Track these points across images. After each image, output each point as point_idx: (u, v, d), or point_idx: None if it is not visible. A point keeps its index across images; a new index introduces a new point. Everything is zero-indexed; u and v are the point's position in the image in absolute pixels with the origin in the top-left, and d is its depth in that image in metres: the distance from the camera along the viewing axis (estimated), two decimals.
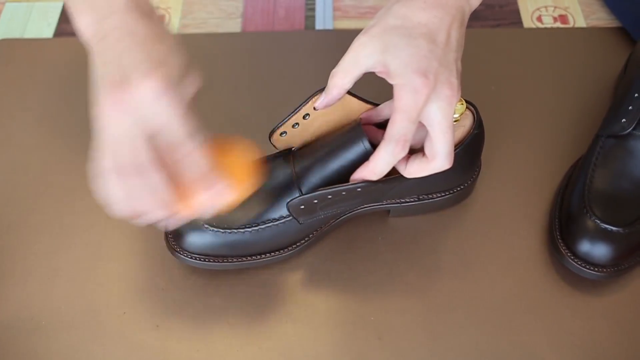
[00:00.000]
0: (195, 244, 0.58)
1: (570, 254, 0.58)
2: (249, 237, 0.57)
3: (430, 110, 0.51)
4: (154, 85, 0.45)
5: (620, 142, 0.61)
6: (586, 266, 0.58)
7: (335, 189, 0.55)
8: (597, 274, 0.57)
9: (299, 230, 0.58)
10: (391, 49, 0.50)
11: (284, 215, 0.57)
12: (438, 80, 0.50)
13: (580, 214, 0.58)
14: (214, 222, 0.57)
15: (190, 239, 0.57)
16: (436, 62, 0.50)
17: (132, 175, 0.46)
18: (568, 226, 0.59)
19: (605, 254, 0.57)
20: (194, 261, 0.58)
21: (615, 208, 0.58)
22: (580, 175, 0.61)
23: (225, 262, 0.58)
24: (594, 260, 0.57)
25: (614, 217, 0.57)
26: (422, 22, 0.51)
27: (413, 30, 0.51)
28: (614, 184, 0.60)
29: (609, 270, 0.57)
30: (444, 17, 0.51)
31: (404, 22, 0.51)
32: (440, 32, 0.51)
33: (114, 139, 0.46)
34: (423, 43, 0.50)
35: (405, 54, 0.50)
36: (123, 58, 0.46)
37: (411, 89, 0.50)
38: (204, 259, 0.58)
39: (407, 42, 0.50)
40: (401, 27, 0.51)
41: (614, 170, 0.60)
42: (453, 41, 0.52)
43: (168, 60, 0.47)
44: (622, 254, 0.57)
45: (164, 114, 0.46)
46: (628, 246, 0.57)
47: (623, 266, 0.58)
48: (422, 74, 0.49)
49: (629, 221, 0.57)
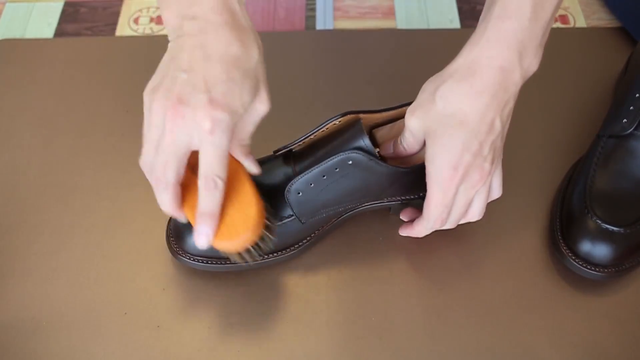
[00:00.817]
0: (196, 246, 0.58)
1: (571, 254, 0.58)
2: None
3: None
4: (216, 118, 0.46)
5: (621, 142, 0.61)
6: (587, 266, 0.58)
7: (324, 164, 0.54)
8: (598, 274, 0.57)
9: (301, 230, 0.58)
10: (431, 135, 0.51)
11: (286, 215, 0.57)
12: (468, 171, 0.51)
13: (582, 214, 0.58)
14: None
15: (192, 241, 0.57)
16: (470, 155, 0.50)
17: (150, 177, 0.49)
18: (569, 226, 0.59)
19: (606, 254, 0.57)
20: (196, 263, 0.58)
21: (616, 208, 0.58)
22: (581, 176, 0.61)
23: (226, 264, 0.58)
24: (595, 260, 0.57)
25: (615, 217, 0.57)
26: (464, 110, 0.49)
27: (453, 118, 0.49)
28: (615, 184, 0.60)
29: (610, 270, 0.57)
30: (491, 104, 0.49)
31: (445, 107, 0.50)
32: (483, 122, 0.50)
33: (154, 138, 0.48)
34: (460, 135, 0.49)
35: (439, 145, 0.50)
36: (197, 68, 0.47)
37: (440, 182, 0.51)
38: (205, 261, 0.58)
39: (443, 131, 0.50)
40: (442, 113, 0.50)
41: (614, 170, 0.60)
42: (497, 127, 0.50)
43: (241, 88, 0.48)
44: (623, 254, 0.57)
45: (209, 149, 0.47)
46: (629, 246, 0.57)
47: (624, 266, 0.58)
48: (453, 167, 0.50)
49: (630, 221, 0.57)
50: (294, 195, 0.56)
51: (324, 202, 0.57)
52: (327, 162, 0.54)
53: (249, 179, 0.53)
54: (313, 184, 0.55)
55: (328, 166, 0.55)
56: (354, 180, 0.55)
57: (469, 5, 0.82)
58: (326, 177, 0.55)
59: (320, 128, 0.56)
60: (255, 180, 0.54)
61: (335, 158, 0.54)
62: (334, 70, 0.62)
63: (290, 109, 0.65)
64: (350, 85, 0.73)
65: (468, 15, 0.81)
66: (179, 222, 0.55)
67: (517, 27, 0.48)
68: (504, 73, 0.49)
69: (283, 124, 0.65)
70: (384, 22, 0.81)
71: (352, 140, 0.55)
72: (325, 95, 0.72)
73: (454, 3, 0.82)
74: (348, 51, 0.76)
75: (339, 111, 0.57)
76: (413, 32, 0.79)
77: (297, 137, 0.57)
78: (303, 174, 0.55)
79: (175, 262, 0.61)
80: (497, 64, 0.49)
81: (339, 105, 0.71)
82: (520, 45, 0.49)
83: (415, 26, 0.80)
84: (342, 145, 0.55)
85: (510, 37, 0.48)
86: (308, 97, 0.66)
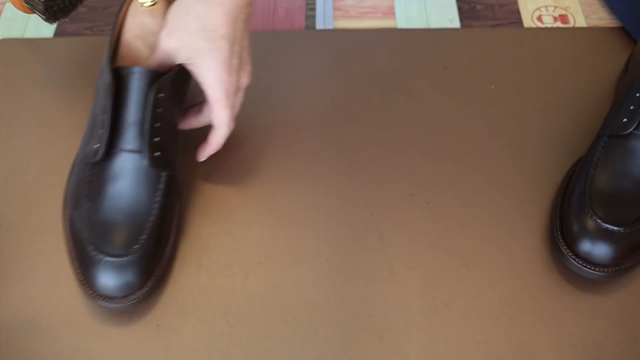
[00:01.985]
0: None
1: (571, 254, 0.58)
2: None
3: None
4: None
5: (621, 142, 0.61)
6: (587, 266, 0.58)
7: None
8: (598, 273, 0.57)
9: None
10: (196, 51, 0.58)
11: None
12: (237, 72, 0.60)
13: (581, 213, 0.58)
14: None
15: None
16: (236, 59, 0.59)
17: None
18: (569, 226, 0.59)
19: (606, 253, 0.57)
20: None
21: (616, 207, 0.58)
22: (581, 175, 0.61)
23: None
24: (595, 260, 0.57)
25: (615, 217, 0.57)
26: (219, 24, 0.57)
27: (213, 33, 0.57)
28: (615, 183, 0.60)
29: (610, 270, 0.57)
30: (236, 15, 0.58)
31: (203, 26, 0.57)
32: (235, 29, 0.58)
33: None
34: (223, 45, 0.57)
35: (210, 58, 0.57)
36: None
37: (221, 89, 0.58)
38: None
39: (209, 46, 0.57)
40: (202, 32, 0.57)
41: (615, 169, 0.60)
42: (245, 31, 0.60)
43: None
44: (623, 253, 0.57)
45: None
46: (629, 246, 0.57)
47: (624, 266, 0.58)
48: (227, 73, 0.58)
49: (630, 221, 0.57)
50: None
51: None
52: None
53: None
54: None
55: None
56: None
57: (469, 5, 0.82)
58: None
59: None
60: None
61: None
62: (333, 70, 0.62)
63: (290, 108, 0.65)
64: (350, 85, 0.73)
65: (468, 15, 0.81)
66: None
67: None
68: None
69: (283, 123, 0.65)
70: (383, 22, 0.81)
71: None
72: (325, 94, 0.72)
73: (453, 2, 0.82)
74: (348, 51, 0.77)
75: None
76: (413, 31, 0.79)
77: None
78: None
79: (175, 262, 0.61)
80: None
81: (339, 104, 0.71)
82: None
83: (415, 26, 0.80)
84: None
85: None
86: (308, 97, 0.66)
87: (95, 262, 0.55)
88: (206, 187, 0.66)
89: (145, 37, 0.63)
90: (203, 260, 0.61)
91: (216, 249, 0.62)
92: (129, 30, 0.63)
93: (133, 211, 0.57)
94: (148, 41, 0.63)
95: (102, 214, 0.57)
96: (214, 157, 0.66)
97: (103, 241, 0.56)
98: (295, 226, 0.63)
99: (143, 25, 0.63)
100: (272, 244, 0.62)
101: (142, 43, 0.63)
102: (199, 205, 0.65)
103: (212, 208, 0.64)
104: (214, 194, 0.65)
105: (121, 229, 0.56)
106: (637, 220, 0.58)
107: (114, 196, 0.57)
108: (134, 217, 0.57)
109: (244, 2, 0.58)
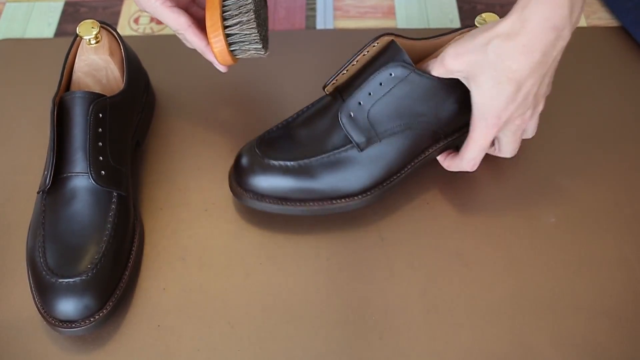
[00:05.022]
0: (262, 185, 0.59)
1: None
2: (316, 169, 0.59)
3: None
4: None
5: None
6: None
7: (369, 82, 0.58)
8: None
9: (364, 170, 0.60)
10: (478, 83, 0.55)
11: (341, 144, 0.59)
12: (510, 118, 0.56)
13: None
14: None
15: (257, 180, 0.59)
16: (514, 105, 0.55)
17: None
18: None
19: None
20: (263, 204, 0.60)
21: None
22: None
23: (296, 206, 0.60)
24: None
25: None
26: (515, 67, 0.53)
27: (503, 72, 0.53)
28: None
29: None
30: (541, 62, 0.53)
31: (496, 61, 0.53)
32: (532, 77, 0.53)
33: None
34: (508, 89, 0.54)
35: (487, 95, 0.55)
36: None
37: (482, 128, 0.56)
38: (272, 201, 0.60)
39: (492, 84, 0.54)
40: (492, 66, 0.53)
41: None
42: (545, 81, 0.55)
43: None
44: None
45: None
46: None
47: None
48: (497, 116, 0.55)
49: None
50: (346, 118, 0.59)
51: (375, 120, 0.58)
52: (371, 80, 0.58)
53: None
54: (361, 102, 0.58)
55: (372, 83, 0.58)
56: (399, 97, 0.58)
57: (469, 5, 0.82)
58: (372, 94, 0.58)
59: (358, 54, 0.60)
60: (315, 126, 0.61)
61: (377, 74, 0.58)
62: (334, 69, 0.62)
63: (290, 108, 0.65)
64: None
65: (468, 15, 0.81)
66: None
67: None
68: (556, 31, 0.51)
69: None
70: (384, 22, 0.81)
71: (391, 57, 0.58)
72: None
73: (454, 2, 0.82)
74: (348, 51, 0.76)
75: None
76: (413, 31, 0.79)
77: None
78: (350, 96, 0.58)
79: (175, 262, 0.61)
80: (550, 24, 0.51)
81: None
82: (570, 1, 0.50)
83: (416, 26, 0.80)
84: (382, 65, 0.58)
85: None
86: (308, 97, 0.66)
87: (49, 285, 0.54)
88: (206, 187, 0.66)
89: (94, 74, 0.64)
90: (204, 260, 0.61)
91: (217, 249, 0.62)
92: (79, 69, 0.64)
93: (86, 232, 0.57)
94: (97, 77, 0.64)
95: (56, 239, 0.57)
96: (213, 157, 0.66)
97: (57, 264, 0.55)
98: (295, 226, 0.63)
99: (90, 62, 0.64)
100: (273, 244, 0.62)
101: (91, 79, 0.64)
102: (198, 205, 0.65)
103: (212, 208, 0.64)
104: (214, 193, 0.65)
105: (75, 251, 0.56)
106: None
107: (67, 220, 0.57)
108: (87, 238, 0.56)
109: (552, 36, 0.51)
